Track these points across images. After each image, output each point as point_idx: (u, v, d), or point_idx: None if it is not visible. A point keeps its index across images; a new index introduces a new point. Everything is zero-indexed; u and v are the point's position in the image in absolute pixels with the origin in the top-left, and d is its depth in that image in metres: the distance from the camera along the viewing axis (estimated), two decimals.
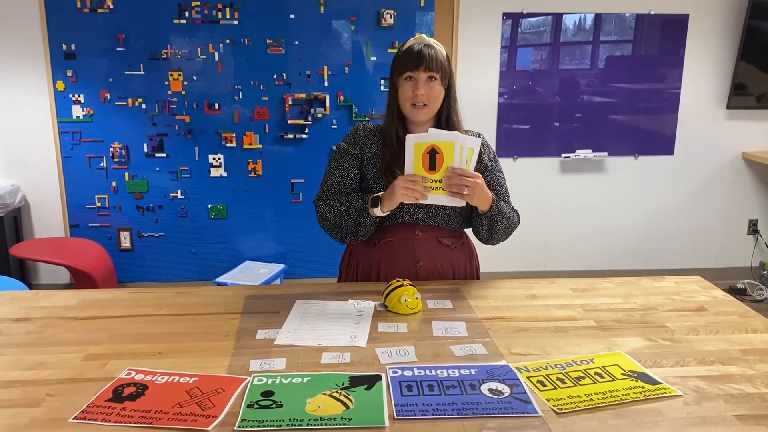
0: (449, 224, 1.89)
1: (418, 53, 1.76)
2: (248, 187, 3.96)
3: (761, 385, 1.29)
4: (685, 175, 4.22)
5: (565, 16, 3.93)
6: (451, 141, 1.68)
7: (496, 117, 4.01)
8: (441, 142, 1.68)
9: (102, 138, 3.82)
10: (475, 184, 1.70)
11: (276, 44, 3.79)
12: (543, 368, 1.35)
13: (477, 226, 1.88)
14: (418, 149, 1.69)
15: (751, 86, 4.08)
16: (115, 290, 1.82)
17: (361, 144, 1.88)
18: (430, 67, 1.75)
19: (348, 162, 1.88)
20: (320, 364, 1.36)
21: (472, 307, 1.68)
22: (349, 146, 1.89)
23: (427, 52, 1.76)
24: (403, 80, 1.79)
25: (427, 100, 1.77)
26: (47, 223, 3.92)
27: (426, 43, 1.79)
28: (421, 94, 1.76)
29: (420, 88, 1.76)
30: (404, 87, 1.79)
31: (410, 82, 1.77)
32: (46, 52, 3.68)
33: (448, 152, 1.68)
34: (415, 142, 1.69)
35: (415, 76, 1.76)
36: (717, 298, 1.78)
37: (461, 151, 1.69)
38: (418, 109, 1.78)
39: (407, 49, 1.80)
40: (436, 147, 1.68)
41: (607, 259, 4.29)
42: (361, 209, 1.79)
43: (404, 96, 1.79)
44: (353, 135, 1.91)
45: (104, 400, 1.21)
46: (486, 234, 1.87)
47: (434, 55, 1.77)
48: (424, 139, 1.69)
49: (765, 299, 4.04)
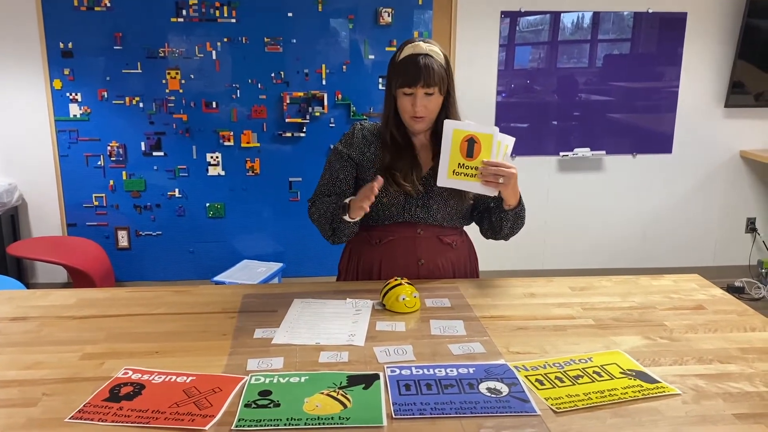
0: (450, 222, 1.89)
1: (415, 67, 1.72)
2: (246, 185, 3.96)
3: (760, 384, 1.29)
4: (684, 173, 4.22)
5: (563, 14, 3.93)
6: (490, 134, 1.68)
7: (494, 115, 4.01)
8: (480, 133, 1.69)
9: (99, 137, 3.81)
10: (510, 174, 1.69)
11: (274, 43, 3.78)
12: (541, 367, 1.35)
13: (499, 222, 1.85)
14: (457, 135, 1.69)
15: (749, 85, 4.08)
16: (113, 289, 1.81)
17: (359, 146, 1.87)
18: (428, 83, 1.72)
19: (340, 164, 1.87)
20: (318, 363, 1.36)
21: (470, 306, 1.67)
22: (344, 148, 1.88)
23: (424, 64, 1.71)
24: (401, 93, 1.77)
25: (426, 111, 1.77)
26: (44, 222, 3.91)
27: (424, 53, 1.74)
28: (420, 108, 1.75)
29: (418, 104, 1.74)
30: (402, 100, 1.78)
31: (408, 96, 1.76)
32: (42, 50, 3.67)
33: (486, 144, 1.69)
34: (455, 128, 1.69)
35: (413, 91, 1.74)
36: (715, 297, 1.77)
37: (498, 146, 1.70)
38: (416, 121, 1.79)
39: (405, 60, 1.75)
40: (475, 137, 1.69)
41: (605, 257, 4.29)
42: (334, 214, 1.79)
43: (403, 108, 1.79)
44: (350, 136, 1.90)
45: (101, 399, 1.21)
46: (508, 230, 1.86)
47: (432, 66, 1.72)
48: (464, 127, 1.70)
49: (763, 297, 4.04)
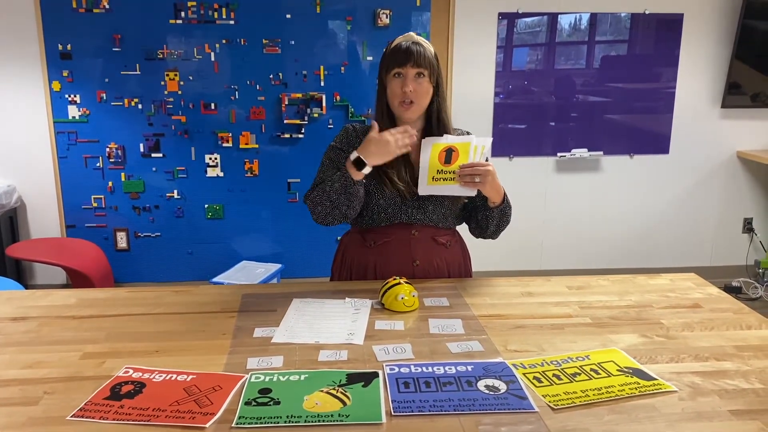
0: (445, 223, 1.91)
1: (406, 50, 1.77)
2: (245, 187, 3.96)
3: (755, 381, 1.30)
4: (680, 173, 4.24)
5: (560, 15, 3.95)
6: (468, 141, 1.78)
7: (492, 117, 4.02)
8: (459, 143, 1.78)
9: (98, 138, 3.81)
10: (486, 172, 1.73)
11: (272, 44, 3.79)
12: (539, 365, 1.36)
13: (485, 220, 1.87)
14: (436, 148, 1.78)
15: (745, 85, 4.10)
16: (113, 289, 1.82)
17: (354, 144, 1.85)
18: (419, 63, 1.75)
19: (337, 157, 1.85)
20: (317, 362, 1.36)
21: (468, 305, 1.68)
22: (341, 145, 1.88)
23: (415, 49, 1.77)
24: (392, 77, 1.79)
25: (415, 96, 1.77)
26: (43, 223, 3.92)
27: (414, 41, 1.80)
28: (410, 90, 1.75)
29: (408, 84, 1.76)
30: (392, 84, 1.79)
31: (398, 78, 1.78)
32: (41, 52, 3.68)
33: (464, 150, 1.77)
34: (434, 143, 1.78)
35: (403, 72, 1.77)
36: (712, 295, 1.79)
37: (476, 150, 1.77)
38: (406, 106, 1.78)
39: (395, 47, 1.81)
40: (453, 147, 1.77)
41: (602, 257, 4.30)
42: (345, 179, 1.74)
43: (393, 93, 1.79)
44: (344, 135, 1.90)
45: (102, 398, 1.22)
46: (494, 227, 1.89)
47: (422, 51, 1.77)
48: (442, 140, 1.79)
49: (760, 297, 4.05)
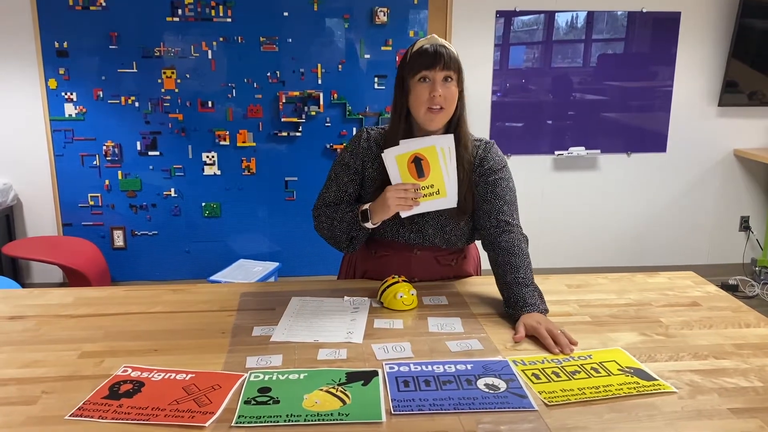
0: (449, 245, 1.82)
1: (434, 52, 1.64)
2: (242, 185, 3.95)
3: (755, 379, 1.30)
4: (678, 172, 4.24)
5: (557, 14, 3.94)
6: (432, 145, 1.64)
7: (489, 115, 4.02)
8: (422, 148, 1.64)
9: (95, 136, 3.80)
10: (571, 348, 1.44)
11: (269, 42, 3.78)
12: (539, 362, 1.36)
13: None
14: (401, 160, 1.64)
15: (742, 84, 4.11)
16: (110, 288, 1.81)
17: (363, 157, 1.78)
18: (448, 66, 1.63)
19: (348, 177, 1.78)
20: (317, 361, 1.36)
21: (467, 303, 1.68)
22: (350, 159, 1.79)
23: (444, 51, 1.64)
24: (417, 81, 1.65)
25: (445, 102, 1.64)
26: (40, 221, 3.90)
27: (440, 43, 1.67)
28: (439, 95, 1.62)
29: (437, 89, 1.62)
30: (418, 89, 1.65)
31: (425, 83, 1.64)
32: (37, 49, 3.66)
33: (432, 157, 1.64)
34: (396, 155, 1.64)
35: (430, 76, 1.63)
36: (710, 294, 1.79)
37: (443, 152, 1.64)
38: (434, 113, 1.65)
39: (421, 49, 1.67)
40: (419, 154, 1.64)
41: (600, 256, 4.30)
42: (352, 222, 1.73)
43: (419, 99, 1.65)
44: (356, 144, 1.79)
45: (101, 397, 1.21)
46: None
47: (451, 54, 1.65)
48: (404, 150, 1.64)
49: (757, 295, 4.06)
